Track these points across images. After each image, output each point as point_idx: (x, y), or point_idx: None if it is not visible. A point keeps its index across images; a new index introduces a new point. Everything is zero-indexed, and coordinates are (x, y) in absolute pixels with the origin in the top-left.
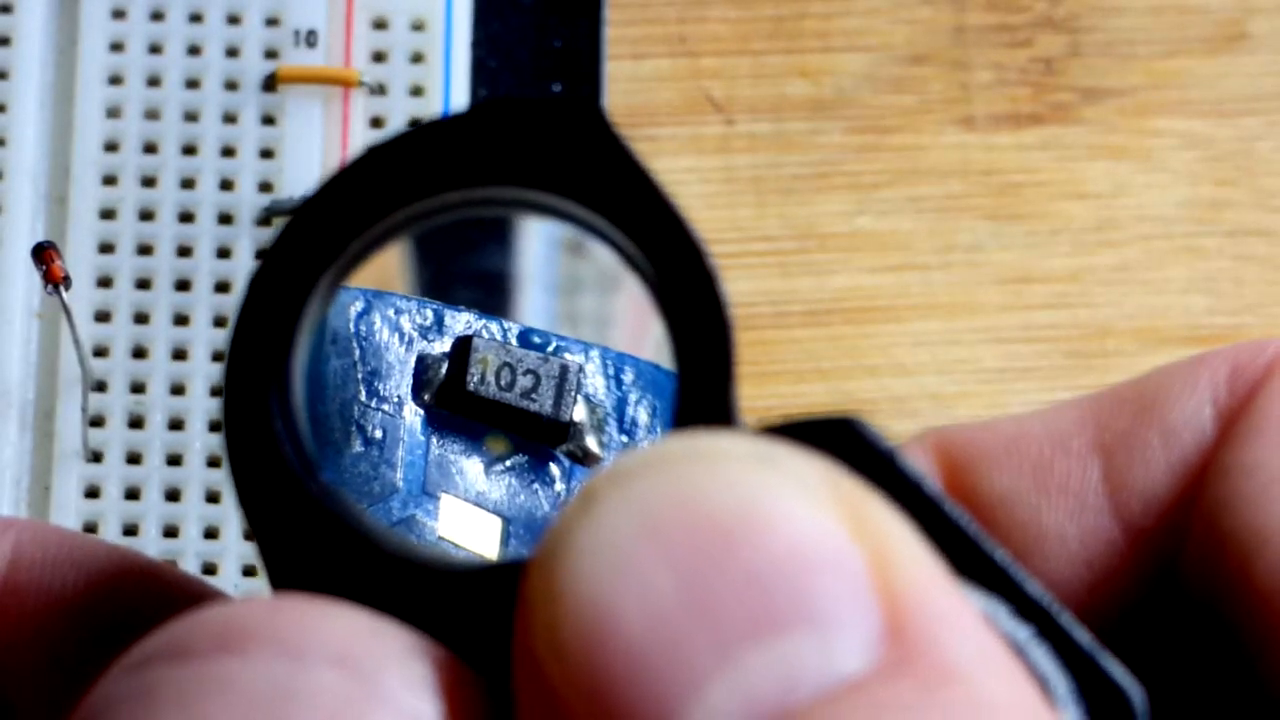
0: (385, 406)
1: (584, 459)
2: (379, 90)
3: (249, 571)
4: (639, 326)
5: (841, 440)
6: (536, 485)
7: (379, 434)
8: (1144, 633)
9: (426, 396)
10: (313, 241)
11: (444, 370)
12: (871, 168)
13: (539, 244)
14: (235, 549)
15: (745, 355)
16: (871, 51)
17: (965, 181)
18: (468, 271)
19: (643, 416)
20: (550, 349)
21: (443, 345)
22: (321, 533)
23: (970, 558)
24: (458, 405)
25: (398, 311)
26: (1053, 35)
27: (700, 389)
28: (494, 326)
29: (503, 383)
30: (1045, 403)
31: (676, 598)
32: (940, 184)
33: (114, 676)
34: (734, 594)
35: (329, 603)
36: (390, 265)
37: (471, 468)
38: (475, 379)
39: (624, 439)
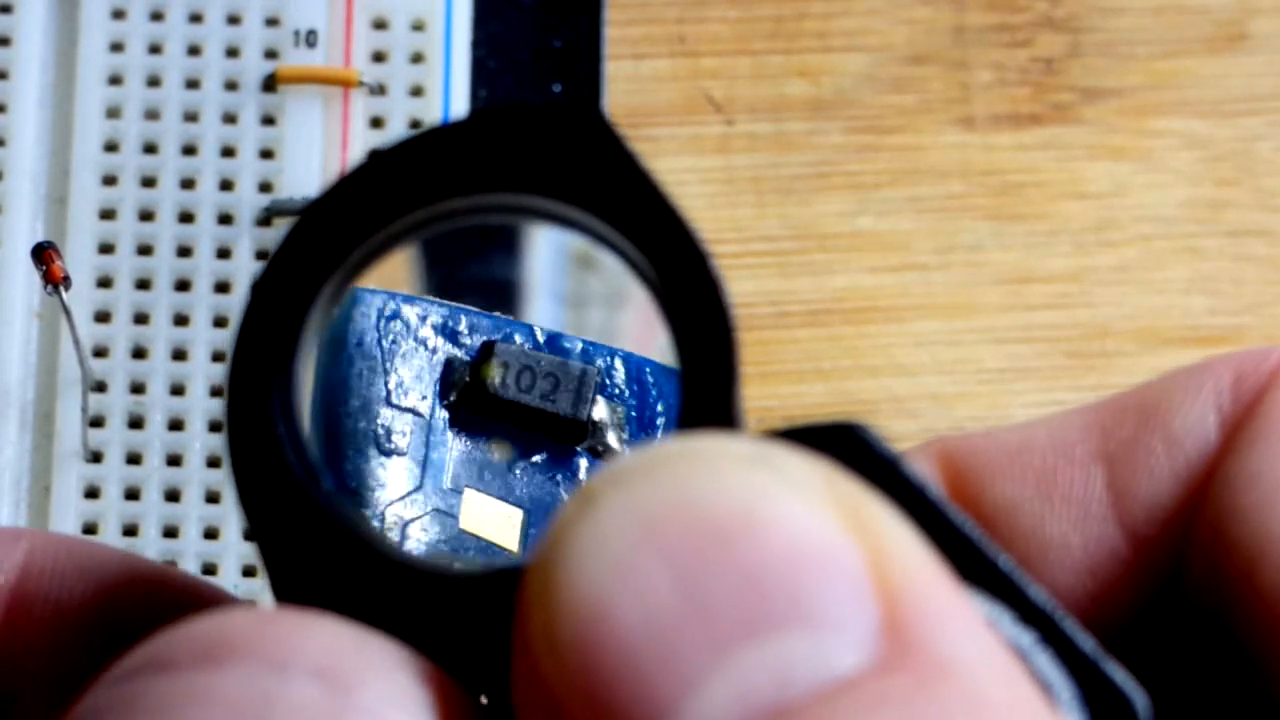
0: (411, 407)
1: (605, 455)
2: (379, 90)
3: (249, 571)
4: (644, 338)
5: (845, 445)
6: (559, 479)
7: (404, 434)
8: (1148, 640)
9: (451, 397)
10: (317, 247)
11: (468, 373)
12: (871, 168)
13: (547, 252)
14: (235, 549)
15: (745, 355)
16: (871, 51)
17: (965, 181)
18: (476, 278)
19: (662, 416)
20: (577, 352)
21: (468, 349)
22: (322, 537)
23: (974, 563)
24: (480, 406)
25: (424, 315)
26: (1053, 35)
27: (703, 392)
28: (521, 331)
29: (523, 385)
30: (1045, 403)
31: (673, 597)
32: (940, 184)
33: (99, 687)
34: (730, 593)
35: (314, 615)
36: (398, 271)
37: (493, 465)
38: (497, 381)
39: (644, 436)
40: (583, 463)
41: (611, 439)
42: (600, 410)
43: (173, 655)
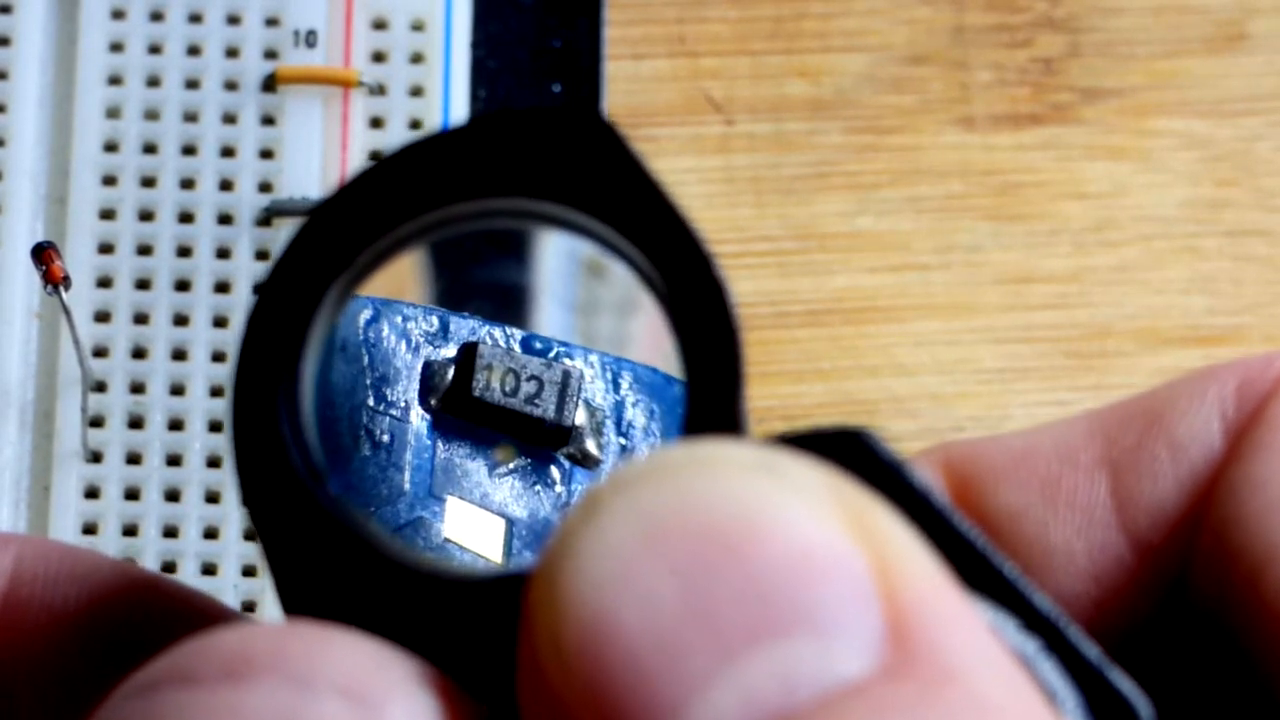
0: (393, 412)
1: (584, 461)
2: (378, 90)
3: (249, 572)
4: (655, 347)
5: (850, 451)
6: (538, 487)
7: (387, 439)
8: (1152, 647)
9: (433, 402)
10: (323, 251)
11: (450, 376)
12: (871, 168)
13: (557, 258)
14: (235, 549)
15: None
16: (871, 51)
17: (965, 181)
18: (484, 284)
19: (640, 419)
20: (552, 354)
21: (448, 352)
22: (328, 540)
23: (978, 570)
24: (463, 410)
25: (405, 319)
26: (1052, 35)
27: (708, 398)
28: (498, 333)
29: (507, 388)
30: (1045, 403)
31: (678, 604)
32: (940, 184)
33: (120, 699)
34: (734, 599)
35: (336, 631)
36: (404, 276)
37: (476, 471)
38: (480, 385)
39: (621, 441)
40: (556, 470)
41: (590, 445)
42: (580, 415)
43: (196, 669)
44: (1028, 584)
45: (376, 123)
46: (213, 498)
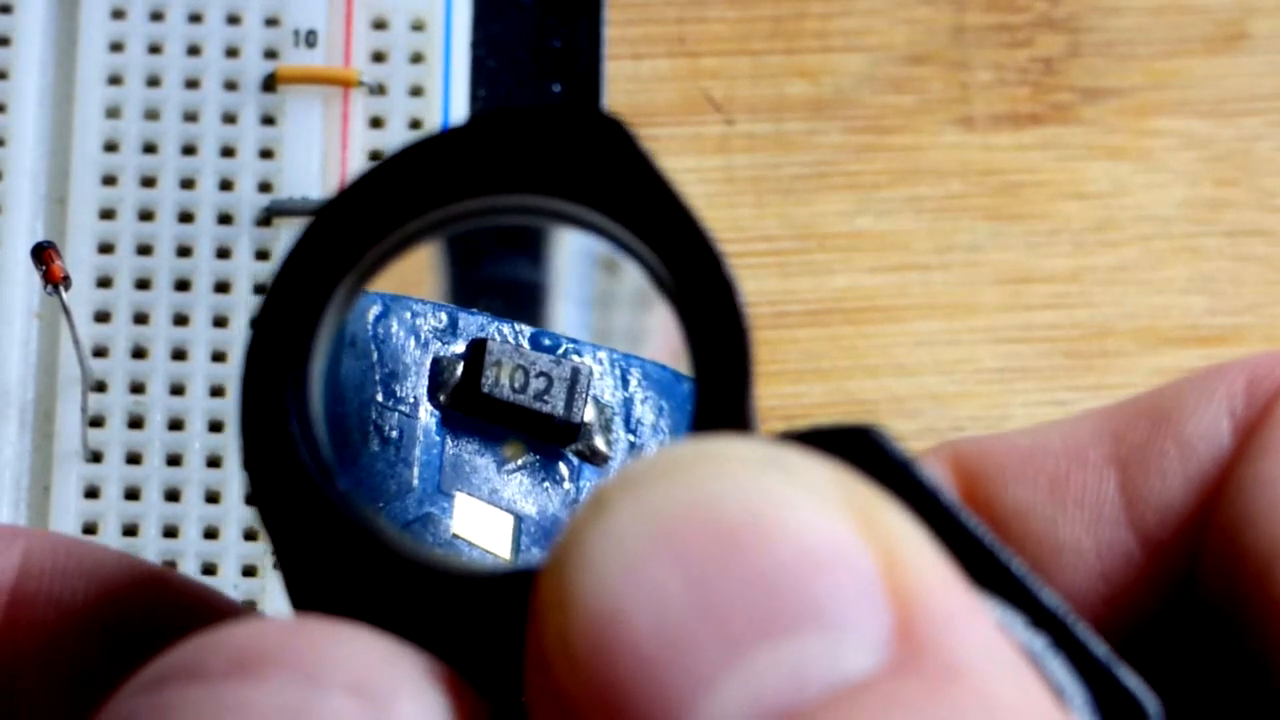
0: (402, 407)
1: (592, 458)
2: (378, 90)
3: (249, 571)
4: (670, 342)
5: (858, 448)
6: (547, 483)
7: (396, 434)
8: (1160, 644)
9: (442, 398)
10: (330, 247)
11: (459, 372)
12: (871, 168)
13: (569, 255)
14: (235, 549)
15: None
16: (871, 51)
17: (965, 181)
18: (493, 280)
19: (648, 416)
20: (561, 351)
21: (457, 348)
22: (336, 536)
23: (986, 567)
24: (472, 406)
25: (414, 315)
26: (1052, 35)
27: (717, 395)
28: (506, 329)
29: (516, 385)
30: (1045, 402)
31: (686, 600)
32: (940, 184)
33: (128, 694)
34: (743, 595)
35: (345, 626)
36: (415, 272)
37: (485, 467)
38: (489, 381)
39: (630, 438)
40: (564, 467)
41: (599, 442)
42: (589, 412)
43: (205, 664)
44: (1035, 581)
45: (376, 123)
46: (213, 498)
